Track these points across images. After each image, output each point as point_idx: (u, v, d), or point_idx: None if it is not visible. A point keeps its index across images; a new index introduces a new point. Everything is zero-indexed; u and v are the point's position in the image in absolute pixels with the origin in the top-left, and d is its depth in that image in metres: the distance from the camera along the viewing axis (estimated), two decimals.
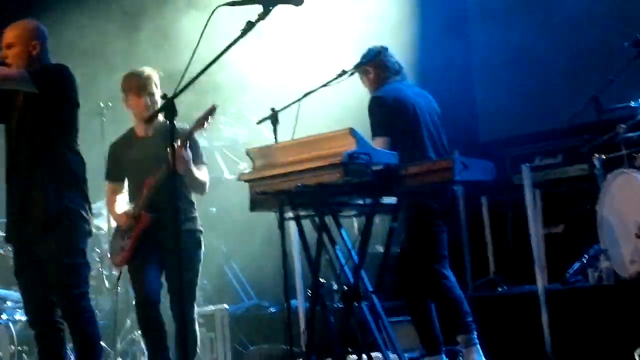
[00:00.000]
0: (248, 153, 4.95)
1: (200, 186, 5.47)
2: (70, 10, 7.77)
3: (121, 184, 5.57)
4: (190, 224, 5.45)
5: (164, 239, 5.26)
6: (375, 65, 5.62)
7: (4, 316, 6.49)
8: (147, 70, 5.48)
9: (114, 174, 5.58)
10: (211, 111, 5.24)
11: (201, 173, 5.44)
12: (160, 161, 5.16)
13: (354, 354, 5.10)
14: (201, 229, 5.55)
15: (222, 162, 7.09)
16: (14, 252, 5.00)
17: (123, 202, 5.58)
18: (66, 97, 4.82)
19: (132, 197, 5.49)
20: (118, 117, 6.72)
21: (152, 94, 5.40)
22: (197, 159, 5.41)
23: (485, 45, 7.71)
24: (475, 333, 5.43)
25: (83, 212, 4.82)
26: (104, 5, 8.29)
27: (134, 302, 6.67)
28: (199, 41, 3.65)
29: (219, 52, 3.77)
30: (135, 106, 5.44)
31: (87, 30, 7.93)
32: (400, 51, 5.81)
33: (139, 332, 6.54)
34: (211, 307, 6.81)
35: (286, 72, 6.90)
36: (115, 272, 6.76)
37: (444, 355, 5.51)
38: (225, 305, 6.79)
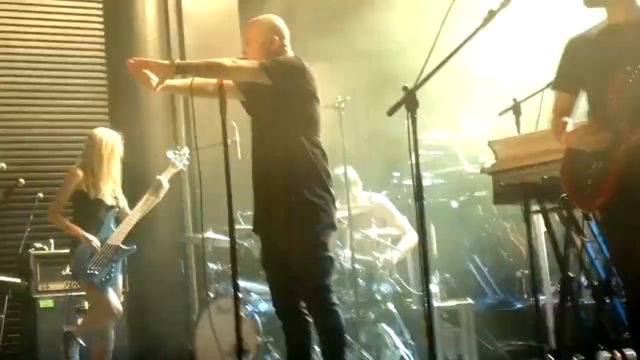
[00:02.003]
0: (491, 145, 4.84)
1: None
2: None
3: (576, 97, 4.12)
4: None
5: None
6: None
7: (249, 307, 6.59)
8: None
9: (568, 80, 4.13)
10: None
11: None
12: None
13: (605, 350, 4.90)
14: None
15: (462, 155, 6.97)
16: (261, 244, 5.08)
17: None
18: (300, 89, 4.82)
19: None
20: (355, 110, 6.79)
21: None
22: None
23: None
24: None
25: (324, 205, 4.78)
26: None
27: (376, 295, 6.73)
28: (438, 33, 3.59)
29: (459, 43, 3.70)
30: None
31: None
32: None
33: (383, 324, 6.60)
34: (455, 302, 6.73)
35: (527, 61, 6.69)
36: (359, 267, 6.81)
37: None
38: (470, 300, 6.69)
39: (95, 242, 6.30)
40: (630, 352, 4.96)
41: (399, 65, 6.51)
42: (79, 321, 6.60)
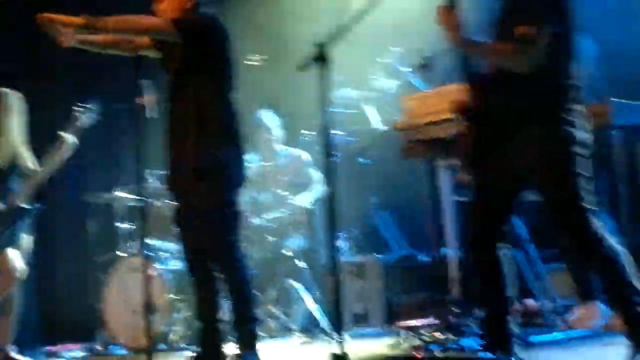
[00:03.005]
0: (401, 102, 4.92)
1: None
2: None
3: None
4: None
5: None
6: None
7: (159, 266, 6.61)
8: None
9: None
10: None
11: None
12: None
13: None
14: None
15: (373, 113, 7.03)
16: (174, 201, 5.11)
17: None
18: (213, 48, 4.82)
19: None
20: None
21: None
22: None
23: None
24: None
25: (234, 163, 4.84)
26: None
27: (282, 251, 6.81)
28: None
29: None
30: None
31: None
32: None
33: (291, 280, 6.69)
34: (362, 257, 6.84)
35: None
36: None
37: (599, 302, 5.38)
38: (377, 255, 6.81)
39: None
40: (531, 302, 5.15)
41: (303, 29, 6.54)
42: None
